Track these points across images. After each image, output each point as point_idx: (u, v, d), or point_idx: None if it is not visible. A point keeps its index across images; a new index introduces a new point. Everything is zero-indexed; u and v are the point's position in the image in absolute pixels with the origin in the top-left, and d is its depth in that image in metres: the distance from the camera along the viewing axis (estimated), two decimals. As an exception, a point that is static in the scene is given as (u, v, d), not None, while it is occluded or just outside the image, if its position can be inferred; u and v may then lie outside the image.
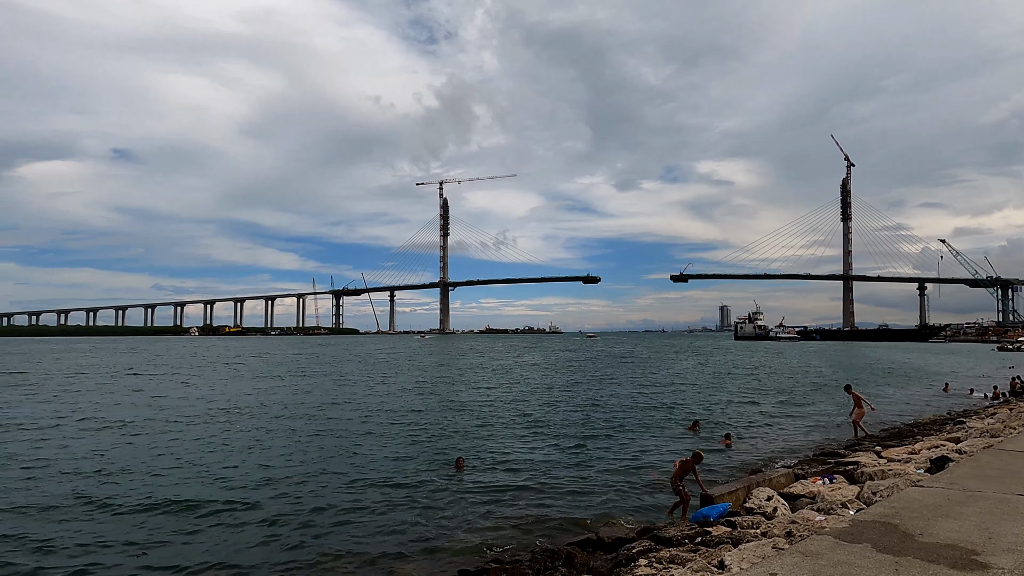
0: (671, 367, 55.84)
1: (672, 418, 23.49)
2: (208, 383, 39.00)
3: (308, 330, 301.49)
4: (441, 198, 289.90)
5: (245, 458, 16.28)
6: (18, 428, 20.78)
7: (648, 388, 35.50)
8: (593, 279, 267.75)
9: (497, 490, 13.24)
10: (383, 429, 20.84)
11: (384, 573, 8.95)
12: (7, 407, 26.51)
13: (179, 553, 9.56)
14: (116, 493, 12.78)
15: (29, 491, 12.93)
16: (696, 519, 9.99)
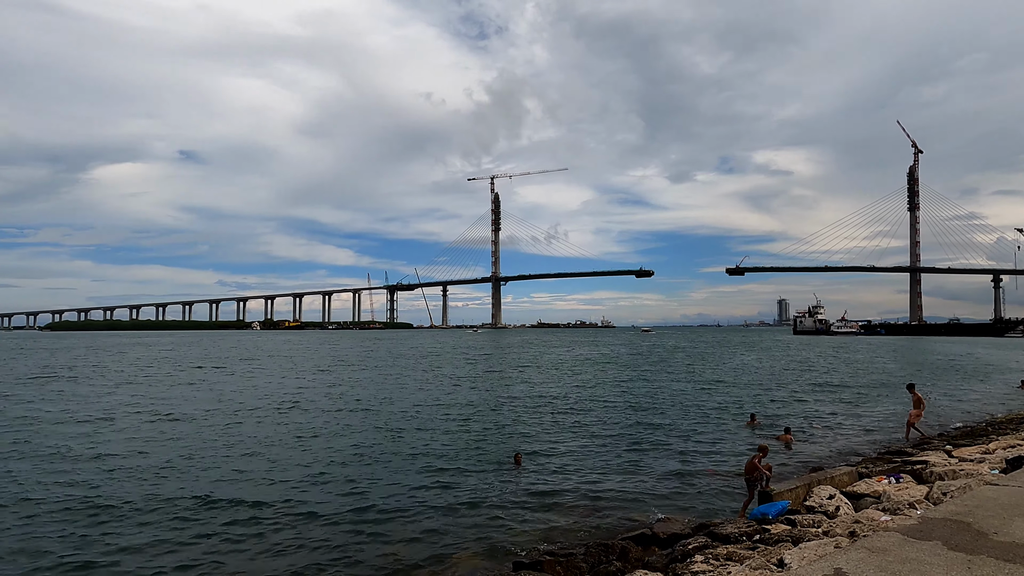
0: (727, 362, 54.67)
1: (729, 414, 23.03)
2: (275, 377, 40.37)
3: (364, 324, 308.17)
4: (492, 193, 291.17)
5: (307, 450, 16.84)
6: (105, 421, 22.04)
7: (704, 383, 34.88)
8: (646, 273, 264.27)
9: (553, 485, 13.30)
10: (440, 423, 21.18)
11: (441, 564, 9.13)
12: (107, 400, 28.09)
13: (243, 542, 9.99)
14: (183, 484, 13.43)
15: (110, 484, 13.72)
16: (754, 517, 9.81)
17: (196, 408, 24.67)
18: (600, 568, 8.35)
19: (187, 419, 21.83)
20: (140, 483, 13.27)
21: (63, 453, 16.16)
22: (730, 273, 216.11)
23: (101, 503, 11.79)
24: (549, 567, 8.41)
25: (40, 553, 9.36)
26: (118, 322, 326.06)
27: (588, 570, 8.37)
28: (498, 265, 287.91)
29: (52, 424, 20.70)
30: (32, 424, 20.63)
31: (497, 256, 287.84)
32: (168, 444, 17.40)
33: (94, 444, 17.37)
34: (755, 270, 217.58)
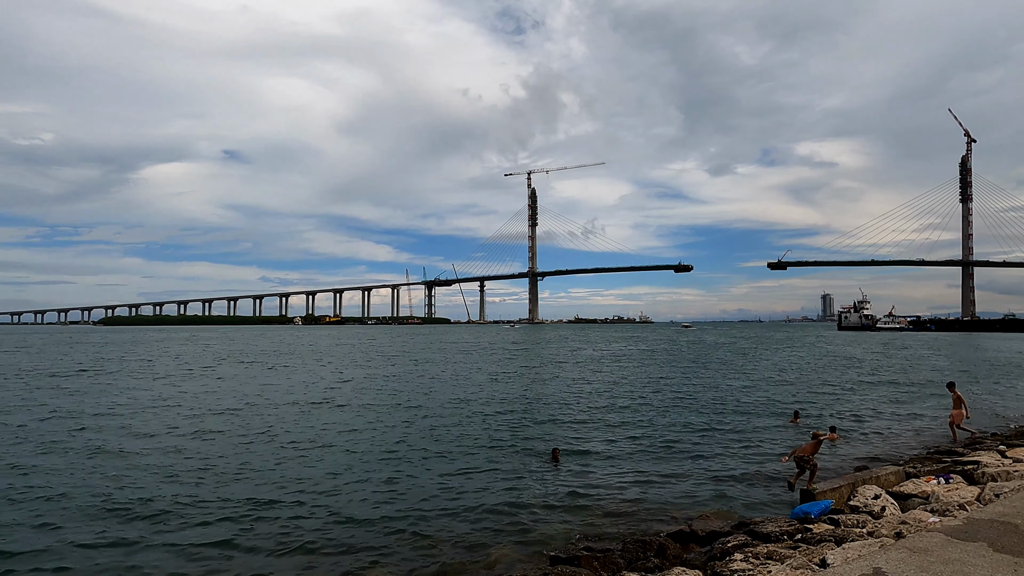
0: (769, 357, 53.67)
1: (771, 411, 22.64)
2: (316, 372, 41.22)
3: (402, 319, 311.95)
4: (529, 188, 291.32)
5: (346, 445, 17.17)
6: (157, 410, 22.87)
7: (744, 380, 34.33)
8: (685, 267, 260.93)
9: (590, 481, 13.31)
10: (477, 418, 21.36)
11: (479, 558, 9.24)
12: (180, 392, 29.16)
13: (284, 535, 10.27)
14: (224, 479, 13.86)
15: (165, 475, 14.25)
16: (795, 516, 9.66)
17: (240, 402, 25.40)
18: (638, 564, 8.36)
19: (230, 413, 22.48)
20: (179, 478, 13.73)
21: (106, 447, 16.82)
22: (771, 267, 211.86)
23: (139, 499, 12.24)
24: (586, 563, 8.45)
25: (93, 547, 9.80)
26: (166, 317, 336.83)
27: (625, 566, 8.38)
28: (535, 260, 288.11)
29: (99, 417, 21.55)
30: (79, 417, 21.53)
31: (534, 251, 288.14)
32: (211, 439, 17.94)
33: (137, 438, 18.05)
34: (798, 264, 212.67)
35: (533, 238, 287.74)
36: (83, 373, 39.19)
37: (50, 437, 17.71)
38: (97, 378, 35.87)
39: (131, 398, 26.42)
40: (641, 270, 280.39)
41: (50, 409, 23.01)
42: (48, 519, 10.67)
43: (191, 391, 29.23)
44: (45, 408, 23.31)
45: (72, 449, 16.14)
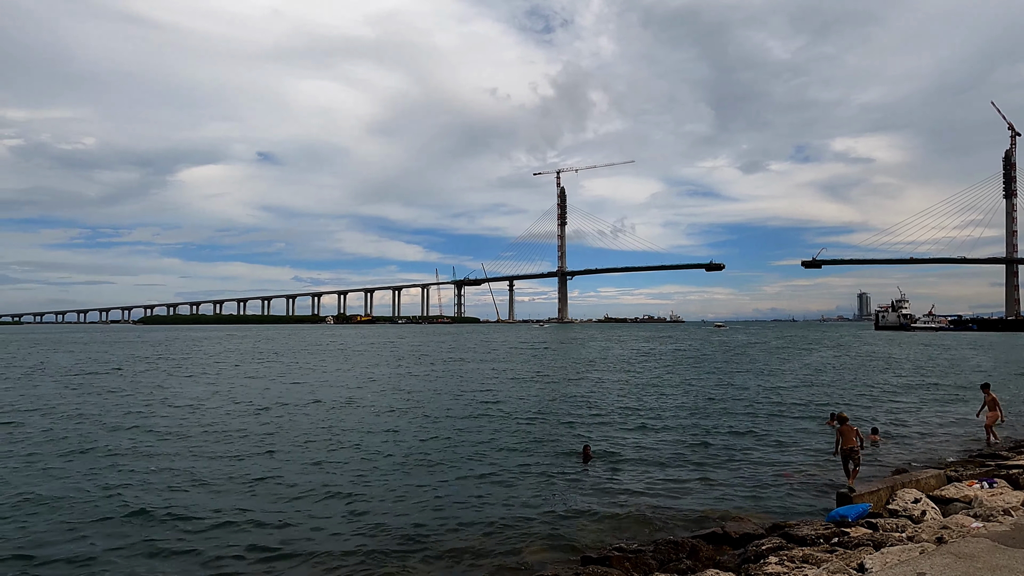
0: (804, 358, 52.68)
1: (806, 412, 22.22)
2: (349, 370, 41.76)
3: (432, 319, 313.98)
4: (558, 187, 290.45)
5: (378, 442, 17.37)
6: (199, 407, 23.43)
7: (779, 380, 33.76)
8: (716, 266, 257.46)
9: (621, 480, 13.25)
10: (507, 417, 21.40)
11: (510, 555, 9.26)
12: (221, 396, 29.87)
13: (319, 530, 10.43)
14: (260, 473, 14.12)
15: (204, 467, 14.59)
16: (832, 519, 9.48)
17: (271, 402, 25.86)
18: (670, 565, 8.29)
19: (261, 413, 22.91)
20: (206, 481, 14.02)
21: (134, 448, 17.28)
22: (806, 266, 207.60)
23: (165, 502, 12.55)
24: (617, 563, 8.41)
25: (118, 551, 10.08)
26: (203, 316, 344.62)
27: (657, 567, 8.32)
28: (564, 259, 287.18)
29: (128, 415, 22.15)
30: (109, 416, 22.14)
31: (563, 250, 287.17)
32: (240, 440, 18.27)
33: (169, 438, 18.50)
34: (833, 262, 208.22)
35: (562, 237, 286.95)
36: (130, 370, 40.35)
37: (85, 436, 18.27)
38: (133, 377, 36.88)
39: (167, 397, 27.11)
40: (671, 269, 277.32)
41: (86, 408, 23.74)
42: (73, 521, 11.01)
43: (225, 390, 29.86)
44: (80, 407, 24.06)
45: (102, 448, 16.63)
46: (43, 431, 18.48)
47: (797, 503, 11.67)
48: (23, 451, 15.81)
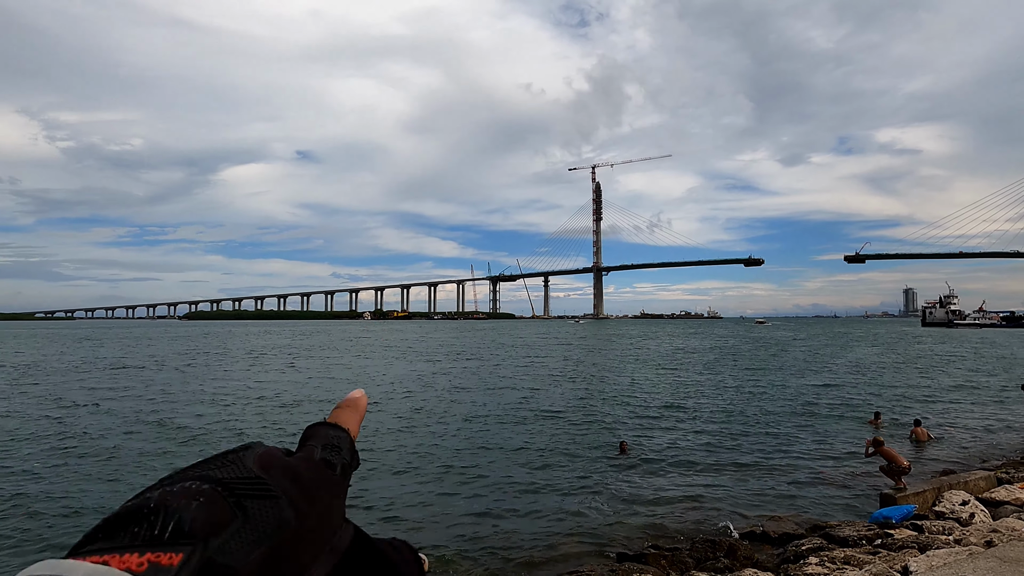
0: (848, 355, 51.41)
1: (849, 411, 21.70)
2: (386, 366, 42.39)
3: (467, 315, 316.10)
4: (594, 182, 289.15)
5: (413, 436, 17.60)
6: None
7: (822, 377, 33.04)
8: (755, 261, 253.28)
9: (657, 478, 13.18)
10: (543, 412, 21.44)
11: (545, 550, 9.31)
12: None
13: (362, 525, 10.64)
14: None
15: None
16: (875, 520, 9.29)
17: (314, 393, 26.41)
18: (707, 564, 8.24)
19: (305, 403, 23.42)
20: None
21: (186, 435, 17.84)
22: (849, 261, 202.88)
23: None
24: (654, 560, 8.40)
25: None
26: (244, 312, 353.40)
27: (694, 565, 8.27)
28: (599, 255, 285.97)
29: (189, 405, 22.87)
30: (170, 406, 22.89)
31: (598, 246, 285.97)
32: (286, 434, 18.75)
33: (218, 425, 19.06)
34: (877, 257, 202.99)
35: (598, 232, 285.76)
36: (180, 362, 41.71)
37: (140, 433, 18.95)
38: (183, 370, 38.06)
39: (211, 390, 27.91)
40: (709, 264, 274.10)
41: (141, 399, 24.62)
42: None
43: (272, 381, 30.61)
44: (142, 398, 24.95)
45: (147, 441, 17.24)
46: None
47: (837, 504, 11.45)
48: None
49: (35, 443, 16.29)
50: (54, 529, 9.99)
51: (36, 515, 10.61)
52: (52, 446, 15.90)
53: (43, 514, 10.66)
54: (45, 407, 22.39)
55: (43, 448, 15.67)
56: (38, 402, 23.76)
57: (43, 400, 24.24)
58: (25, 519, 10.42)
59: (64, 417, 20.22)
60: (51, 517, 10.53)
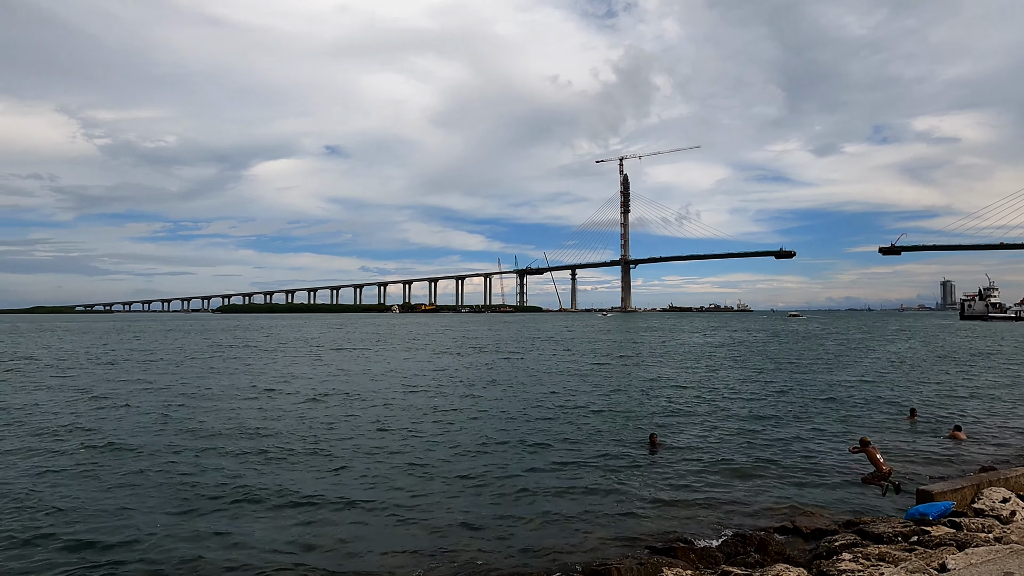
0: (884, 349, 50.30)
1: (884, 407, 21.25)
2: (416, 360, 42.72)
3: (495, 308, 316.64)
4: (621, 175, 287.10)
5: (443, 431, 17.73)
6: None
7: (856, 372, 32.39)
8: (787, 254, 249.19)
9: (687, 472, 13.07)
10: (573, 405, 21.42)
11: (575, 544, 9.31)
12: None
13: (391, 518, 10.75)
14: (329, 461, 14.65)
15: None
16: (911, 517, 9.09)
17: (347, 387, 26.75)
18: (737, 559, 8.15)
19: (338, 397, 23.74)
20: (284, 459, 14.65)
21: (223, 426, 18.19)
22: (884, 252, 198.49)
23: (253, 482, 13.17)
24: (683, 555, 8.34)
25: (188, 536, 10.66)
26: (276, 305, 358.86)
27: (724, 560, 8.20)
28: (627, 248, 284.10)
29: (219, 399, 23.33)
30: (201, 399, 23.38)
31: (626, 239, 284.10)
32: (319, 426, 19.00)
33: (251, 417, 19.41)
34: (913, 249, 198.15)
35: (625, 225, 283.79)
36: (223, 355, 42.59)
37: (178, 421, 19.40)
38: (222, 362, 38.85)
39: (244, 381, 28.44)
40: (739, 257, 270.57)
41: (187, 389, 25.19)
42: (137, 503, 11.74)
43: (302, 374, 31.08)
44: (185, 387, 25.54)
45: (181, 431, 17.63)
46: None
47: (871, 500, 11.23)
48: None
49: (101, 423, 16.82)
50: (81, 525, 10.31)
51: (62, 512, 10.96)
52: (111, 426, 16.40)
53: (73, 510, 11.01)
54: (109, 392, 23.09)
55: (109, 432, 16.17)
56: (100, 386, 24.51)
57: (109, 383, 24.98)
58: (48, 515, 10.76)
59: (127, 403, 20.83)
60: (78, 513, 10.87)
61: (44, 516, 10.22)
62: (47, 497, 11.18)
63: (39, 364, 37.58)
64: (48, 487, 11.82)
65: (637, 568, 7.71)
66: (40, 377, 30.34)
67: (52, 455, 14.28)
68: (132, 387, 26.08)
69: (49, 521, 9.98)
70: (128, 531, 9.57)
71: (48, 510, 10.49)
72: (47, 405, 21.37)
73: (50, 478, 12.43)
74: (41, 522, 9.93)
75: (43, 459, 13.92)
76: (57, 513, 10.35)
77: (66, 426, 17.57)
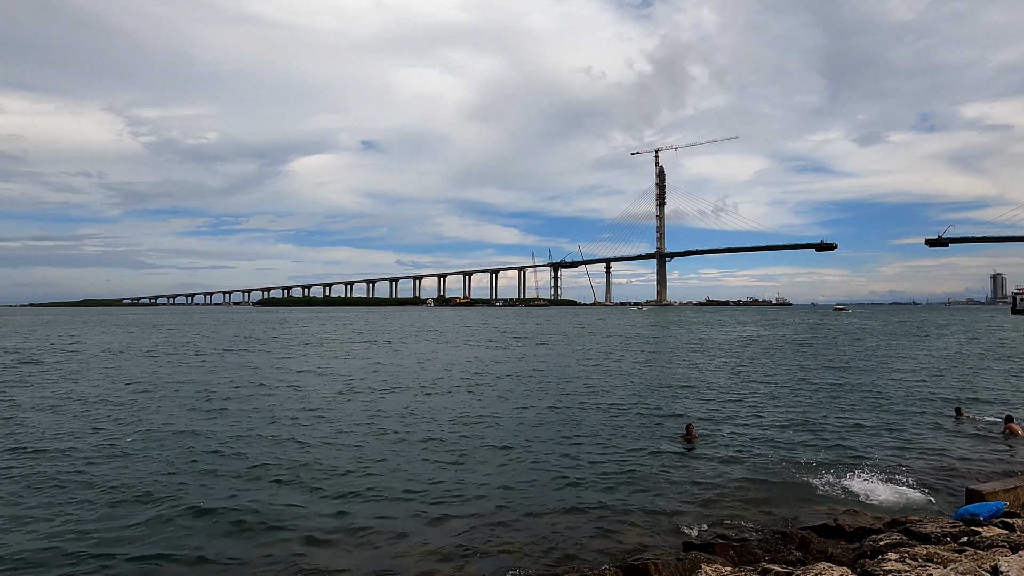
0: (931, 344, 48.72)
1: (931, 404, 20.58)
2: (452, 353, 43.03)
3: (529, 301, 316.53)
4: (657, 167, 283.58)
5: (478, 424, 17.80)
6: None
7: (903, 367, 31.46)
8: (828, 246, 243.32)
9: (725, 466, 12.88)
10: (609, 397, 21.32)
11: (609, 538, 9.25)
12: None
13: (411, 506, 10.83)
14: (365, 452, 14.83)
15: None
16: (960, 517, 8.79)
17: (384, 379, 27.09)
18: (778, 556, 8.00)
19: (375, 389, 24.04)
20: (313, 449, 14.87)
21: (257, 415, 18.56)
22: (930, 245, 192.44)
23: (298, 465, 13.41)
24: (721, 551, 8.20)
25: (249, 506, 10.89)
26: (313, 299, 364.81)
27: (764, 557, 8.05)
28: (663, 240, 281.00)
29: (259, 392, 23.85)
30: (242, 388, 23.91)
31: (662, 231, 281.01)
32: (357, 418, 19.26)
33: (286, 409, 19.76)
34: (962, 240, 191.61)
35: (661, 218, 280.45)
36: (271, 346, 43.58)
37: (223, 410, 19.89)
38: (268, 354, 39.73)
39: (281, 374, 29.00)
40: (778, 249, 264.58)
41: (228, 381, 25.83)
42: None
43: (340, 368, 31.58)
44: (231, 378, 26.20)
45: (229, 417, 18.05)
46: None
47: (918, 499, 10.90)
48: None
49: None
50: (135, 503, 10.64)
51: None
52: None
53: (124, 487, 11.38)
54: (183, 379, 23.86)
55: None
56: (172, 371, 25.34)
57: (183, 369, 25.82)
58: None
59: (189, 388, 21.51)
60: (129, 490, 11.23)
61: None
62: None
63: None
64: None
65: (674, 564, 7.62)
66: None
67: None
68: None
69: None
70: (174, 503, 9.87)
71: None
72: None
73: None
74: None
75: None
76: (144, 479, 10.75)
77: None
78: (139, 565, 8.24)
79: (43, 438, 15.24)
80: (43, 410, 19.03)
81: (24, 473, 12.23)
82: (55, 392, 22.68)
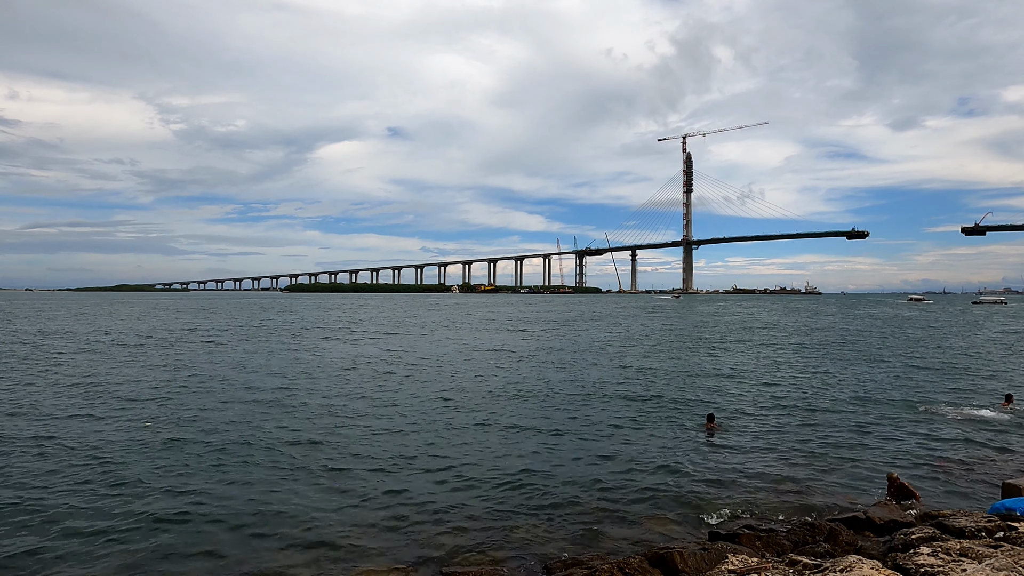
0: (972, 333, 47.57)
1: (971, 396, 20.08)
2: (479, 338, 43.22)
3: (554, 288, 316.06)
4: (684, 153, 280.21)
5: (503, 412, 17.89)
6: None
7: (942, 356, 30.77)
8: (859, 234, 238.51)
9: (750, 457, 12.76)
10: (633, 389, 21.24)
11: (634, 527, 9.23)
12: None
13: (437, 493, 10.90)
14: (390, 437, 14.97)
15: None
16: (996, 511, 8.57)
17: (411, 364, 27.31)
18: (806, 548, 7.89)
19: (403, 373, 24.26)
20: (345, 434, 15.05)
21: (289, 400, 18.83)
22: (967, 233, 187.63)
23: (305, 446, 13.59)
24: (747, 541, 8.12)
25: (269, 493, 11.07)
26: (340, 285, 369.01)
27: (792, 548, 7.95)
28: (690, 228, 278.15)
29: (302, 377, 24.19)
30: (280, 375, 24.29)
31: (689, 219, 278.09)
32: (389, 404, 19.45)
33: (313, 393, 20.03)
34: (1001, 228, 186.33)
35: (688, 205, 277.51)
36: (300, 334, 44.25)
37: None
38: (297, 340, 40.36)
39: (310, 360, 29.40)
40: (808, 237, 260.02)
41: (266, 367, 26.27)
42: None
43: (366, 354, 31.92)
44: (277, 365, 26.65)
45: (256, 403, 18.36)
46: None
47: (951, 493, 10.67)
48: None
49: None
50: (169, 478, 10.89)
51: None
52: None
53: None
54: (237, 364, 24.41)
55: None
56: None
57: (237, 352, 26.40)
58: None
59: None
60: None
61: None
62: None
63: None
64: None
65: (700, 553, 7.56)
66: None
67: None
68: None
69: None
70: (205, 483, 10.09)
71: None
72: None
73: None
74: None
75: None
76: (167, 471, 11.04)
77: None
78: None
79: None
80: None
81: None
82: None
